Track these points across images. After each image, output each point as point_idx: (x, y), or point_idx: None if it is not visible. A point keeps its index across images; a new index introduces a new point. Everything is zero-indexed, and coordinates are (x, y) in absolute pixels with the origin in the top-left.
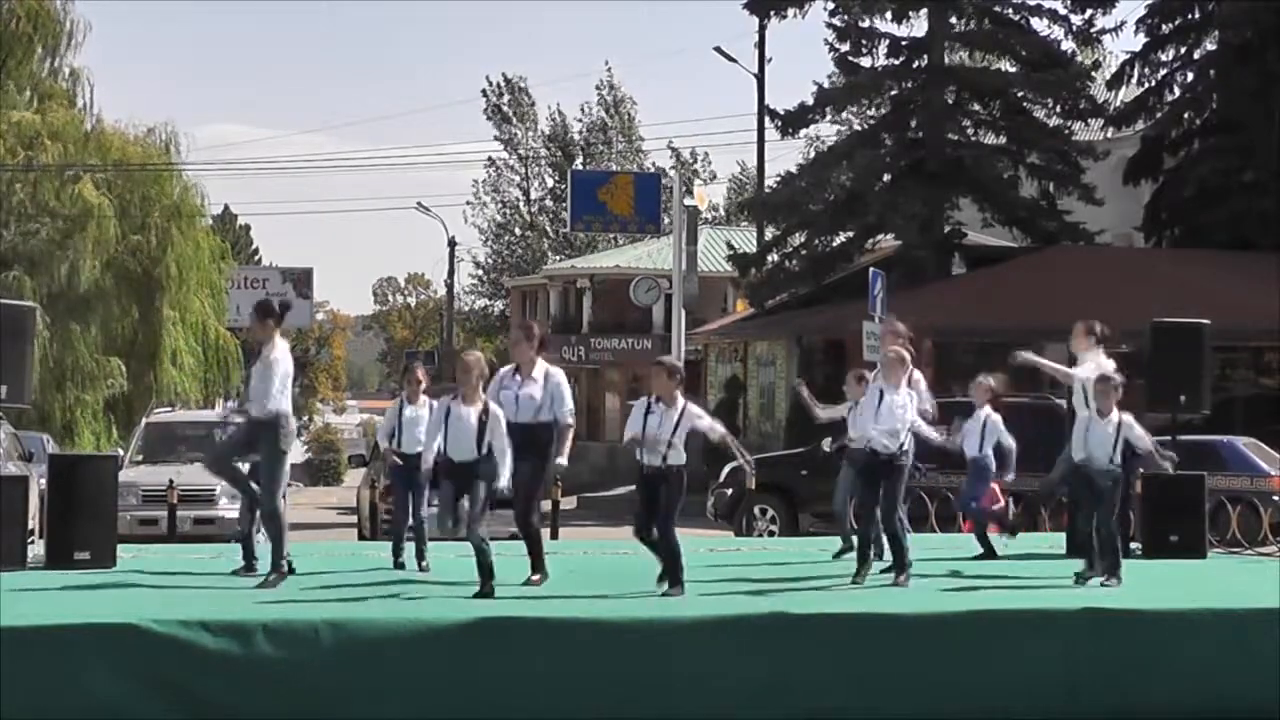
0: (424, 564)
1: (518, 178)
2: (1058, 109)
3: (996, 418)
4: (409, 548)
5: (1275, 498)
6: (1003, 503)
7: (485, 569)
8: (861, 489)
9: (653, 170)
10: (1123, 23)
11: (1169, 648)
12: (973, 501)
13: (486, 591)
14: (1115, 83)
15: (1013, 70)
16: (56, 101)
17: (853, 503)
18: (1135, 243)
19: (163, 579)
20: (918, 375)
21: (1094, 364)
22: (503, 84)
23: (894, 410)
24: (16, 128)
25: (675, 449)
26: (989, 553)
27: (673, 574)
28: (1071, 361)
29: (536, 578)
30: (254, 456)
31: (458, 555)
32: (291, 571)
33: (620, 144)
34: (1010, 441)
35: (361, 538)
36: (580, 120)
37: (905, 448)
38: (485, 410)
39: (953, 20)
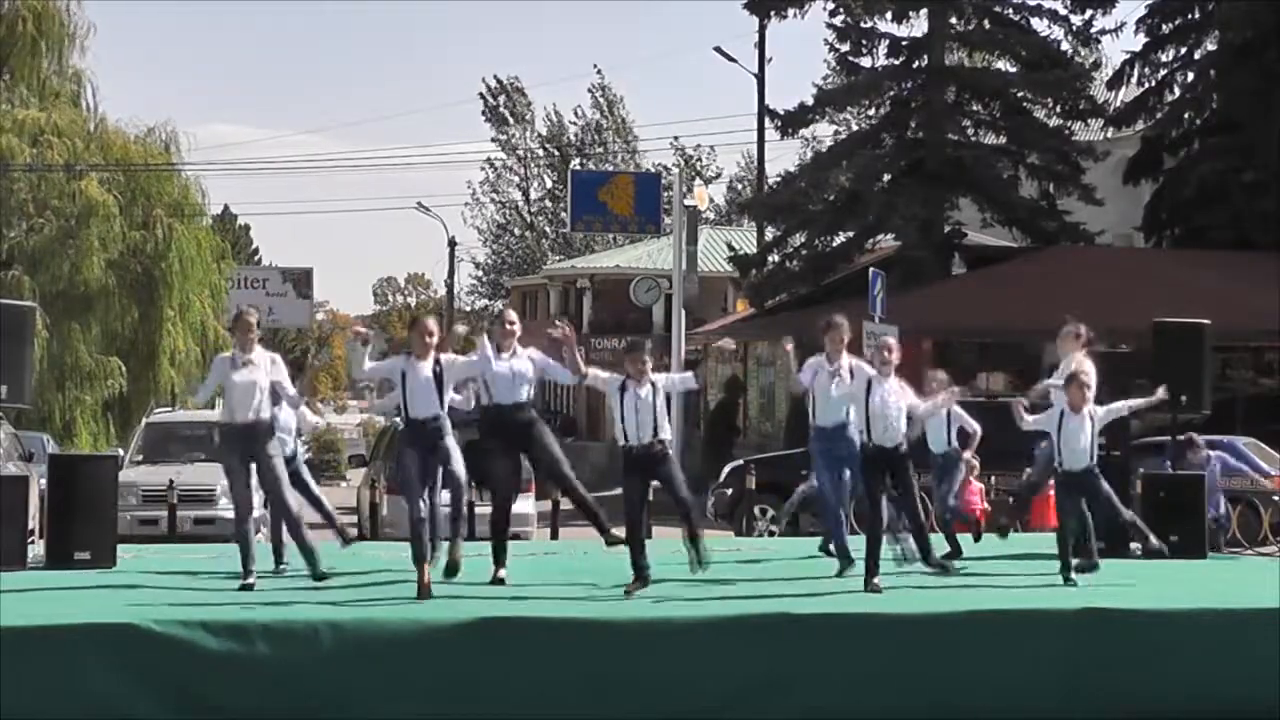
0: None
1: (517, 178)
2: (1058, 109)
3: (958, 409)
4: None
5: (1275, 498)
6: (980, 506)
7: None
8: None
9: (651, 170)
10: (1123, 23)
11: (1169, 648)
12: (951, 499)
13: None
14: (1115, 83)
15: (1013, 70)
16: (61, 101)
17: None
18: (1135, 243)
19: (163, 579)
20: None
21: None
22: (498, 85)
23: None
24: (21, 125)
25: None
26: (956, 551)
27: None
28: (1056, 364)
29: (503, 574)
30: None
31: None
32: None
33: (616, 145)
34: (975, 426)
35: (361, 538)
36: (575, 124)
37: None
38: (438, 362)
39: (953, 20)
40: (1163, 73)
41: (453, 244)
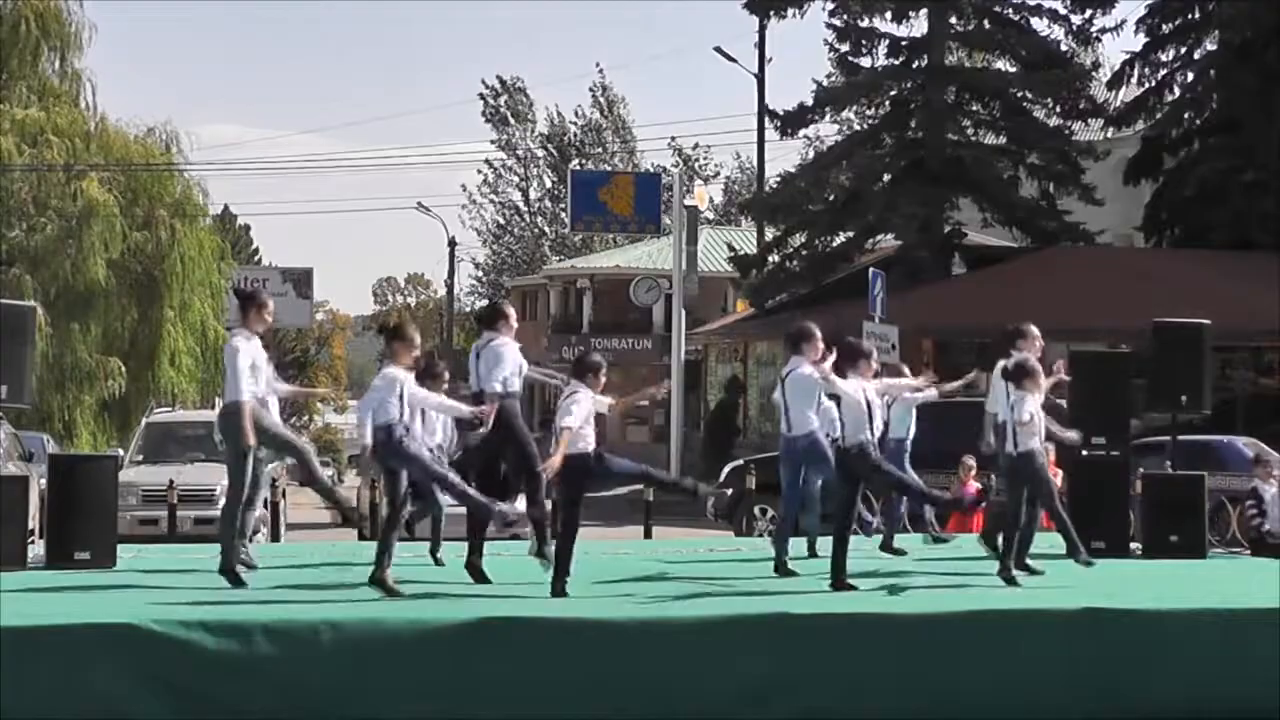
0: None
1: (517, 179)
2: (1058, 109)
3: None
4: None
5: None
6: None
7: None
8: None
9: (650, 170)
10: (1123, 23)
11: (1169, 648)
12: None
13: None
14: (1115, 83)
15: (1013, 70)
16: (61, 101)
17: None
18: (1135, 243)
19: (163, 579)
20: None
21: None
22: (499, 86)
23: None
24: (20, 125)
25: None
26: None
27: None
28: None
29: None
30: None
31: (457, 555)
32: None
33: (616, 145)
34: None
35: (361, 538)
36: (575, 123)
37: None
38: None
39: (953, 20)
40: (1163, 73)
41: (453, 244)
